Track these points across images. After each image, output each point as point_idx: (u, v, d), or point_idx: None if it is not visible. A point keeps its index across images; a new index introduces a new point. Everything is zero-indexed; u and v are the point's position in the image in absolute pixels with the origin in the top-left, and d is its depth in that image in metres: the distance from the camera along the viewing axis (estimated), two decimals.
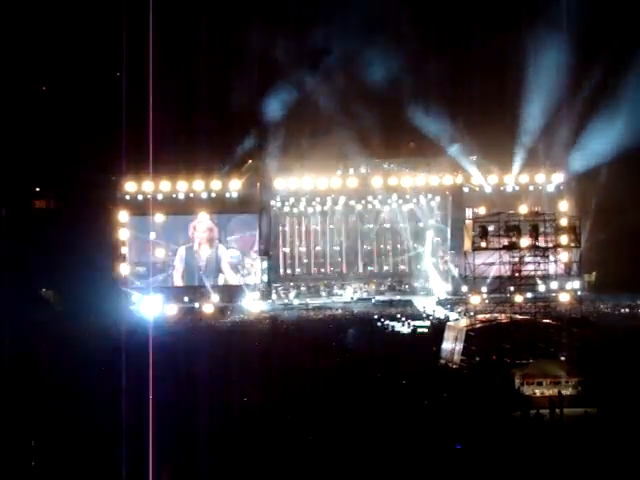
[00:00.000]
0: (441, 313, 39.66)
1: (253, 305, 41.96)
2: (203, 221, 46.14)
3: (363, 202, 50.41)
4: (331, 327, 33.58)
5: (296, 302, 44.71)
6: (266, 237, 45.50)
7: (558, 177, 46.19)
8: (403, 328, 34.71)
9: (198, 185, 44.96)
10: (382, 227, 51.98)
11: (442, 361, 25.48)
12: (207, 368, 19.02)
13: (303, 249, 52.05)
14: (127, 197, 43.96)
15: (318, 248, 52.12)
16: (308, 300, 44.90)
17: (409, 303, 44.58)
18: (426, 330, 33.25)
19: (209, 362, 20.12)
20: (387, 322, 36.07)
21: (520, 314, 28.01)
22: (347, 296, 48.32)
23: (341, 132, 42.99)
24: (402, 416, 17.13)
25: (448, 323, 28.66)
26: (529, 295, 30.77)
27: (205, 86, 42.76)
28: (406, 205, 50.68)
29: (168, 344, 23.15)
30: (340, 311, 40.99)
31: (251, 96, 42.77)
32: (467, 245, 32.22)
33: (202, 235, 46.11)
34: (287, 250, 51.72)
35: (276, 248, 49.49)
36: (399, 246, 52.71)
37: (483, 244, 30.67)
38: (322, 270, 52.20)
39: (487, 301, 34.71)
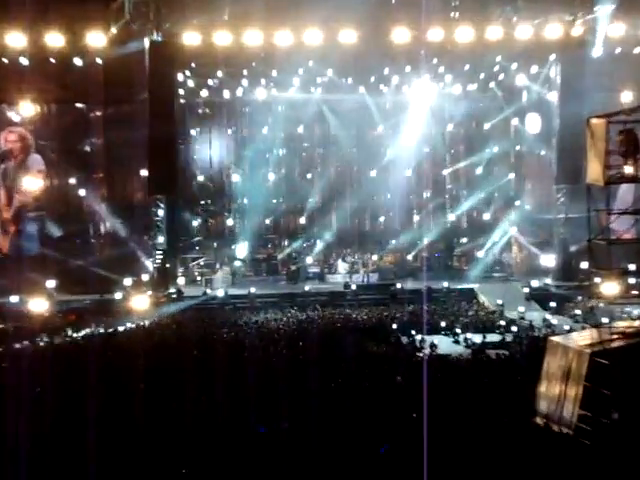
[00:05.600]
0: (535, 316, 38.83)
1: (139, 301, 40.63)
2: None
3: (373, 79, 48.55)
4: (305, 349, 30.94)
5: (221, 293, 43.01)
6: (162, 154, 42.80)
7: None
8: (456, 348, 33.67)
9: (16, 40, 42.19)
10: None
11: (539, 420, 24.45)
12: None
13: (241, 180, 51.14)
14: None
15: (273, 177, 51.20)
16: (253, 289, 42.93)
17: (466, 294, 43.56)
18: (505, 353, 32.01)
19: None
20: (420, 336, 34.42)
21: None
22: (337, 280, 47.63)
23: None
24: None
25: (551, 339, 26.69)
26: None
27: None
28: (458, 86, 49.42)
29: None
30: (319, 313, 39.45)
31: None
32: (594, 173, 28.76)
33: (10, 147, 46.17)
34: (209, 183, 50.80)
35: (186, 178, 48.53)
36: (443, 176, 52.14)
37: (629, 170, 27.32)
38: (283, 224, 51.73)
39: (636, 292, 33.25)
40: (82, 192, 46.43)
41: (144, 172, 44.12)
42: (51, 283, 42.12)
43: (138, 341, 32.54)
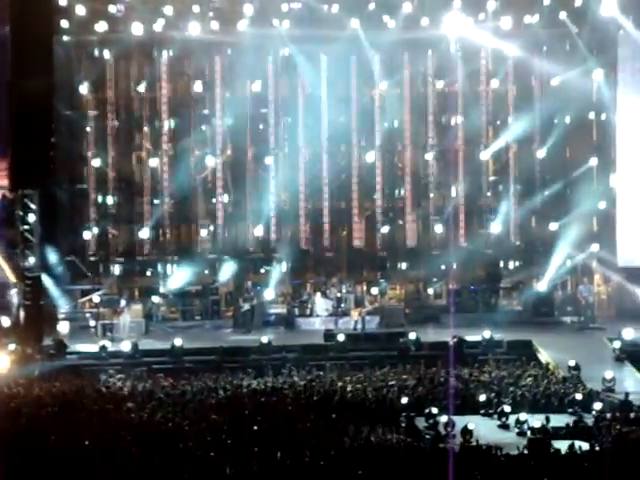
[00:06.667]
0: (630, 386, 39.23)
1: None
2: None
3: (372, 6, 49.14)
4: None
5: (127, 347, 42.41)
6: (32, 122, 42.97)
7: None
8: (503, 436, 33.78)
9: None
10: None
11: None
12: None
13: (162, 167, 50.82)
14: None
15: (214, 163, 51.43)
16: (179, 341, 42.57)
17: (519, 351, 43.51)
18: (582, 445, 31.59)
19: None
20: (446, 417, 34.31)
21: None
22: (314, 327, 48.04)
23: None
24: None
25: None
26: None
27: None
28: (507, 18, 49.35)
29: None
30: (286, 380, 39.33)
31: None
32: None
33: None
34: (110, 172, 50.49)
35: (72, 162, 49.11)
36: (481, 162, 51.77)
37: None
38: (229, 237, 51.58)
39: None
40: None
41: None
42: None
43: None
